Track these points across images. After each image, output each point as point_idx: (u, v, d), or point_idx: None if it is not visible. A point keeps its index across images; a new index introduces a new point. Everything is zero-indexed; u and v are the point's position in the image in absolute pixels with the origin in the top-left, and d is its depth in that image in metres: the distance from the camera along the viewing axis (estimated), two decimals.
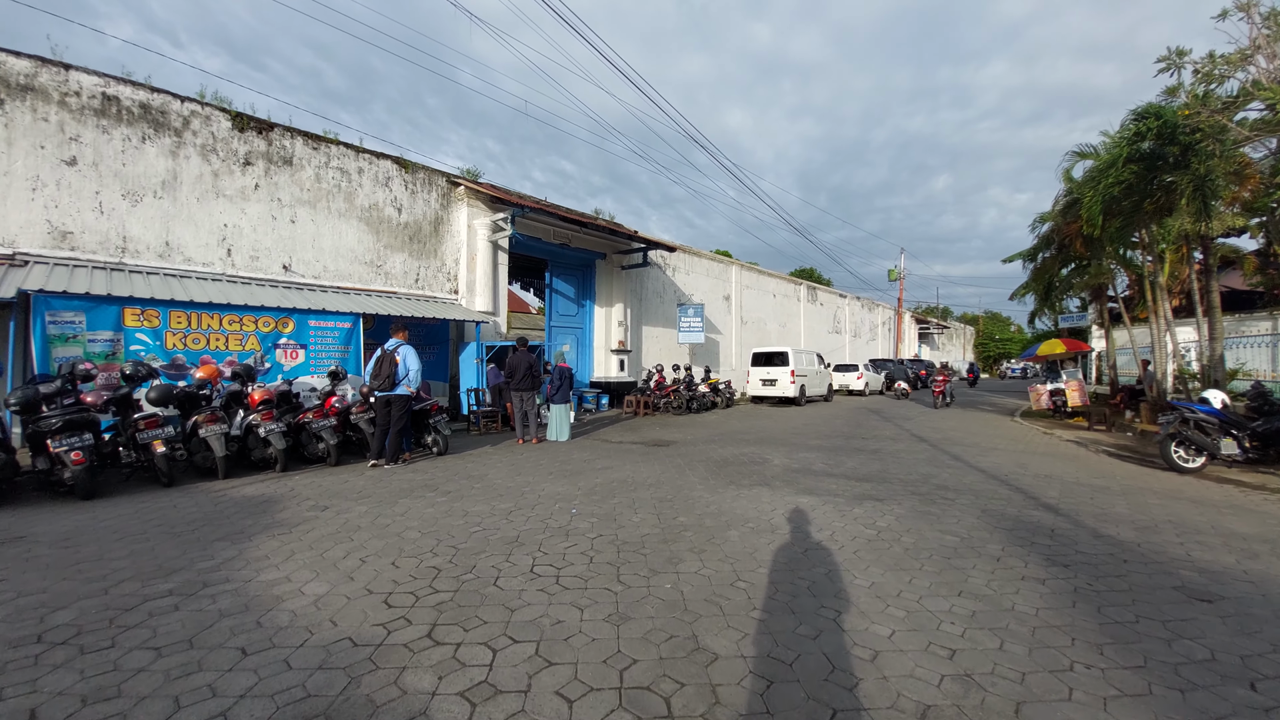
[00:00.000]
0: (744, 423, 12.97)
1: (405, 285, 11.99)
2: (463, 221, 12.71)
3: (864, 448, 9.29)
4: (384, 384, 7.09)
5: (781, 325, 25.60)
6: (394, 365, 7.15)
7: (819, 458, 8.22)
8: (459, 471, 7.06)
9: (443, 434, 8.01)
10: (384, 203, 11.78)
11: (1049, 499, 5.96)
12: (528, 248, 14.36)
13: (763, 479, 6.68)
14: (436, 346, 12.51)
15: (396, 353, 7.22)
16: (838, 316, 31.36)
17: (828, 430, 11.61)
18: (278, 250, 10.50)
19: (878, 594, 3.42)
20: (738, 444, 9.51)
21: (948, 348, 52.99)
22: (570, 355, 15.79)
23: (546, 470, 7.15)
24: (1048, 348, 14.32)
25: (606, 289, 16.14)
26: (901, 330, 38.51)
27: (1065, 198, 13.12)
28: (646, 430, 11.41)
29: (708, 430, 11.48)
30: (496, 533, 4.54)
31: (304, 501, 5.58)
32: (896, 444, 9.81)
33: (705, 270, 20.86)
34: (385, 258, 11.76)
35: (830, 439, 10.31)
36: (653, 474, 6.93)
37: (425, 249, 12.34)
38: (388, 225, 11.81)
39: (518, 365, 9.21)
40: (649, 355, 18.04)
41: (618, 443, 9.59)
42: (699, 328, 18.06)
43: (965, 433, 11.58)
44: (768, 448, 9.11)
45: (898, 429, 12.04)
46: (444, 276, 12.62)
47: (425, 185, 12.40)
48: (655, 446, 9.17)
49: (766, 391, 18.06)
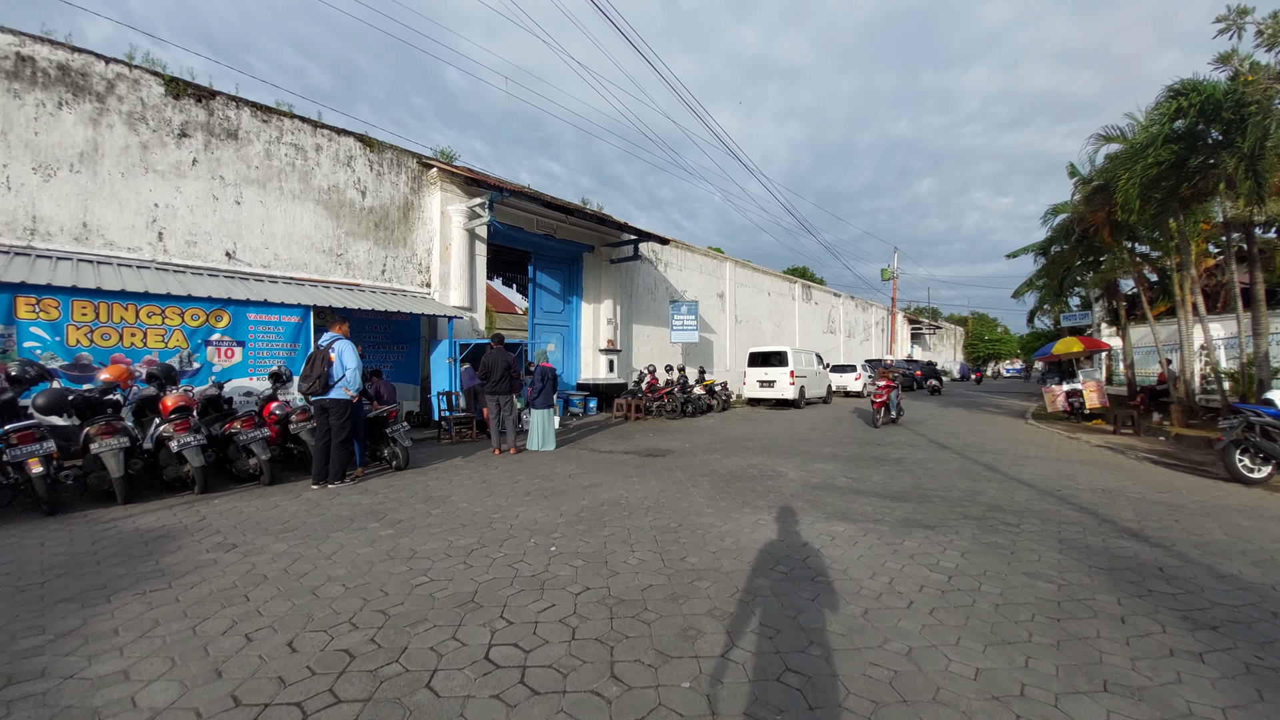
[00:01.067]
0: (744, 427, 11.91)
1: (370, 277, 10.76)
2: (435, 207, 11.51)
3: (883, 457, 8.26)
4: (316, 386, 5.89)
5: (776, 324, 24.65)
6: (327, 364, 5.94)
7: (838, 470, 7.17)
8: (418, 492, 5.88)
9: (402, 445, 6.82)
10: (345, 184, 10.55)
11: (1127, 522, 4.96)
12: (509, 238, 13.19)
13: (781, 499, 5.60)
14: (406, 345, 11.29)
15: (331, 349, 6.01)
16: (832, 316, 30.53)
17: (836, 436, 10.59)
18: (220, 235, 9.23)
19: (994, 691, 2.34)
20: (742, 453, 8.44)
21: (939, 348, 52.63)
22: (555, 355, 14.63)
23: (524, 489, 6.00)
24: (1064, 346, 13.50)
25: (595, 284, 15.02)
26: (895, 330, 37.85)
27: (1087, 185, 12.29)
28: (639, 437, 10.29)
29: (706, 436, 10.40)
30: (448, 586, 3.39)
31: (209, 537, 4.38)
32: (917, 452, 8.81)
33: (698, 266, 19.82)
34: (347, 246, 10.52)
35: (842, 446, 9.28)
36: (650, 493, 5.82)
37: (393, 237, 11.12)
38: (350, 210, 10.58)
39: (493, 365, 8.05)
40: (640, 355, 16.94)
41: (607, 452, 8.47)
42: (693, 326, 17.00)
43: (985, 438, 10.63)
44: (777, 458, 8.04)
45: (911, 433, 11.06)
46: (414, 268, 11.40)
47: (393, 166, 11.19)
48: (650, 457, 8.06)
49: (764, 393, 17.05)
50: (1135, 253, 13.68)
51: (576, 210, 11.95)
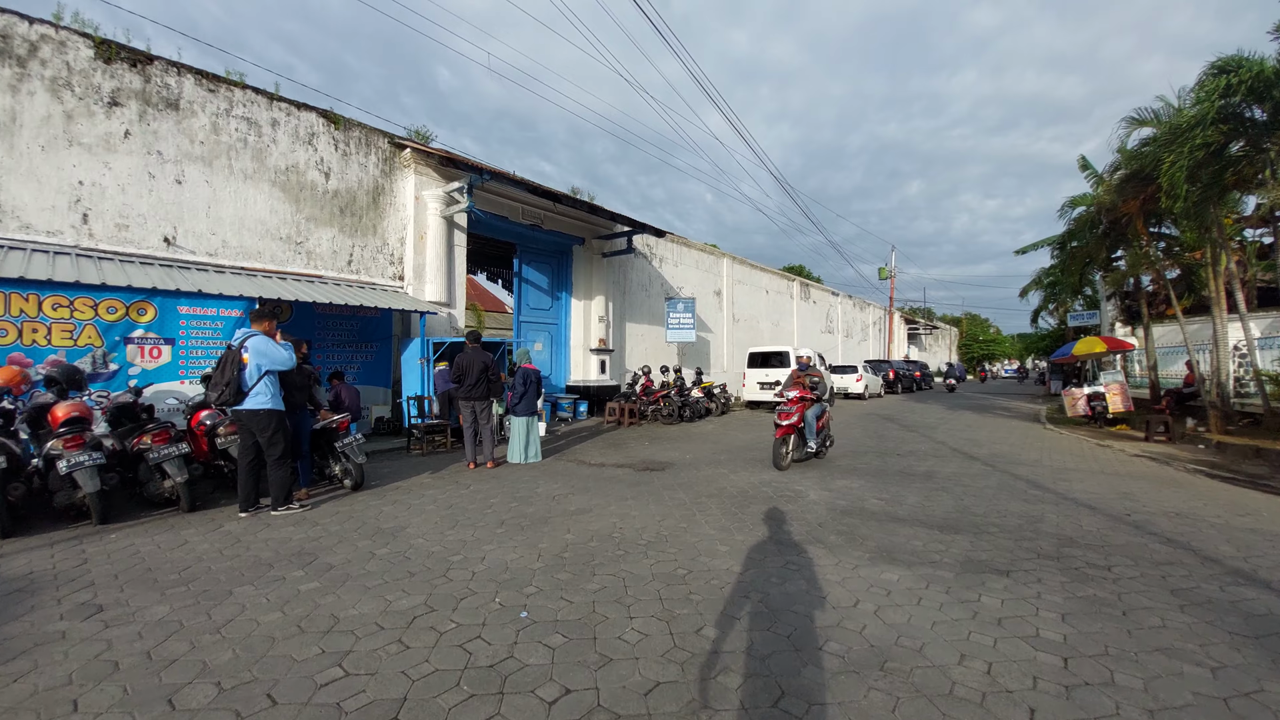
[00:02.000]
0: (747, 434, 10.96)
1: (335, 268, 9.68)
2: (409, 192, 10.44)
3: (909, 470, 7.33)
4: (227, 394, 4.83)
5: (774, 324, 23.75)
6: (239, 368, 4.88)
7: (865, 488, 6.22)
8: (367, 521, 4.85)
9: (355, 461, 5.77)
10: (306, 165, 9.46)
11: (1231, 559, 4.04)
12: (492, 228, 12.15)
13: (808, 529, 4.63)
14: (376, 344, 10.21)
15: (245, 348, 4.95)
16: (830, 315, 29.70)
17: (850, 444, 9.65)
18: (157, 218, 8.12)
19: None
20: (750, 466, 7.46)
21: (934, 349, 52.11)
22: (543, 355, 13.61)
23: (497, 516, 4.99)
24: (1086, 346, 12.69)
25: (585, 279, 14.00)
26: (893, 330, 37.14)
27: (1113, 174, 11.46)
28: (634, 446, 9.30)
29: (708, 445, 9.42)
30: (366, 688, 2.38)
31: (76, 594, 3.34)
32: (945, 463, 7.89)
33: (695, 262, 18.86)
34: (308, 233, 9.44)
35: (861, 456, 8.34)
36: (649, 521, 4.83)
37: (361, 224, 10.04)
38: (311, 193, 9.49)
39: (468, 367, 7.02)
40: (633, 356, 15.95)
41: (598, 465, 7.47)
42: (689, 325, 16.03)
43: (1010, 445, 9.75)
44: (790, 471, 7.08)
45: (929, 440, 10.16)
46: (385, 259, 10.33)
47: (361, 146, 10.11)
48: (648, 471, 7.07)
49: (765, 396, 16.11)
50: (1169, 244, 12.90)
51: (564, 198, 10.95)
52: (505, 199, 11.82)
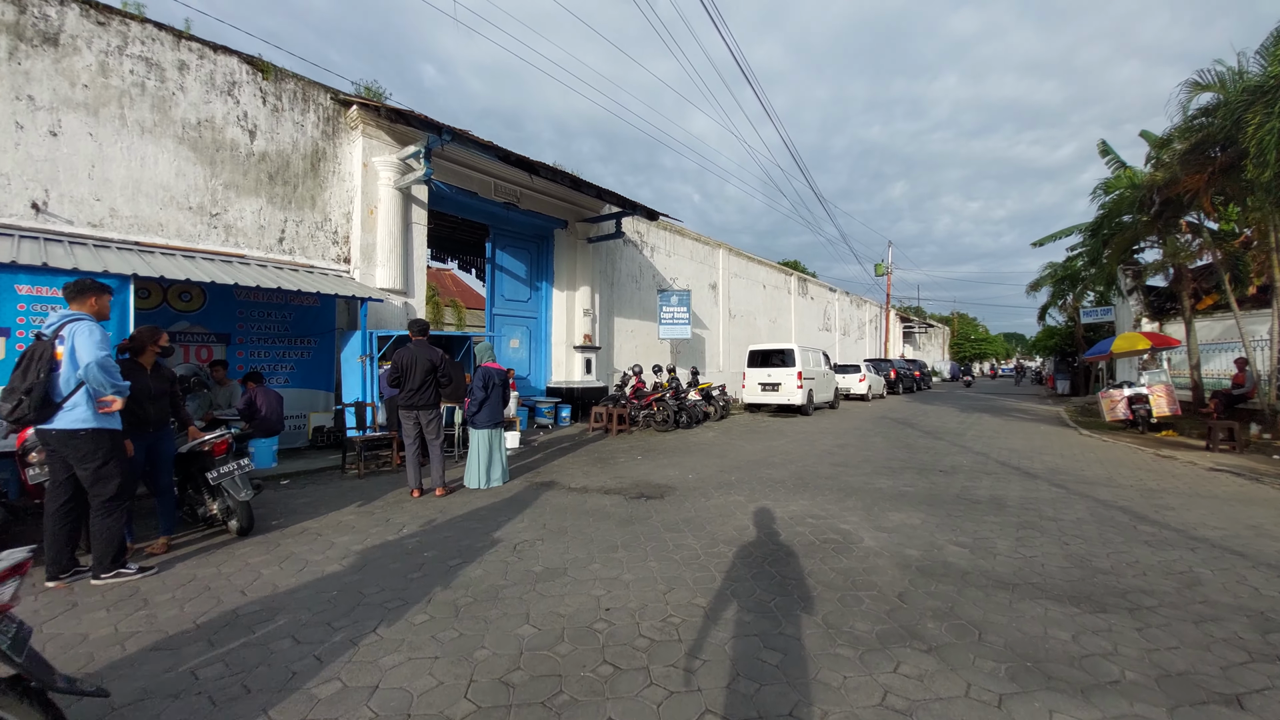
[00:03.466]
0: (755, 443, 9.46)
1: (261, 246, 8.00)
2: (356, 159, 8.78)
3: (970, 495, 5.88)
4: (26, 408, 3.21)
5: (772, 320, 22.35)
6: (48, 367, 3.26)
7: (931, 525, 4.73)
8: (226, 598, 3.25)
9: (237, 498, 4.14)
10: (225, 120, 7.77)
11: None
12: (460, 206, 10.52)
13: (889, 610, 3.12)
14: (316, 339, 8.54)
15: (58, 339, 3.32)
16: (828, 312, 28.40)
17: (880, 456, 8.20)
18: (22, 178, 6.41)
19: None
20: (771, 490, 5.96)
21: (927, 347, 51.24)
22: (519, 352, 12.00)
23: (424, 587, 3.41)
24: (1127, 342, 11.42)
25: (569, 268, 12.42)
26: (889, 328, 36.01)
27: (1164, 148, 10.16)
28: (624, 461, 7.75)
29: (713, 460, 7.90)
30: None
31: None
32: (1003, 483, 6.46)
33: (689, 252, 17.36)
34: (226, 203, 7.75)
35: (899, 474, 6.88)
36: (650, 594, 3.29)
37: (296, 195, 8.37)
38: (231, 155, 7.80)
39: (409, 366, 5.42)
40: (622, 353, 14.40)
41: (580, 491, 5.90)
42: (685, 320, 14.52)
43: (1061, 457, 8.37)
44: (826, 499, 5.59)
45: (964, 450, 8.76)
46: (327, 237, 8.66)
47: (296, 102, 8.43)
48: (642, 500, 5.53)
49: (767, 398, 14.66)
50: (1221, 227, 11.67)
51: (541, 168, 9.36)
52: (474, 170, 10.20)
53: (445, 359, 5.64)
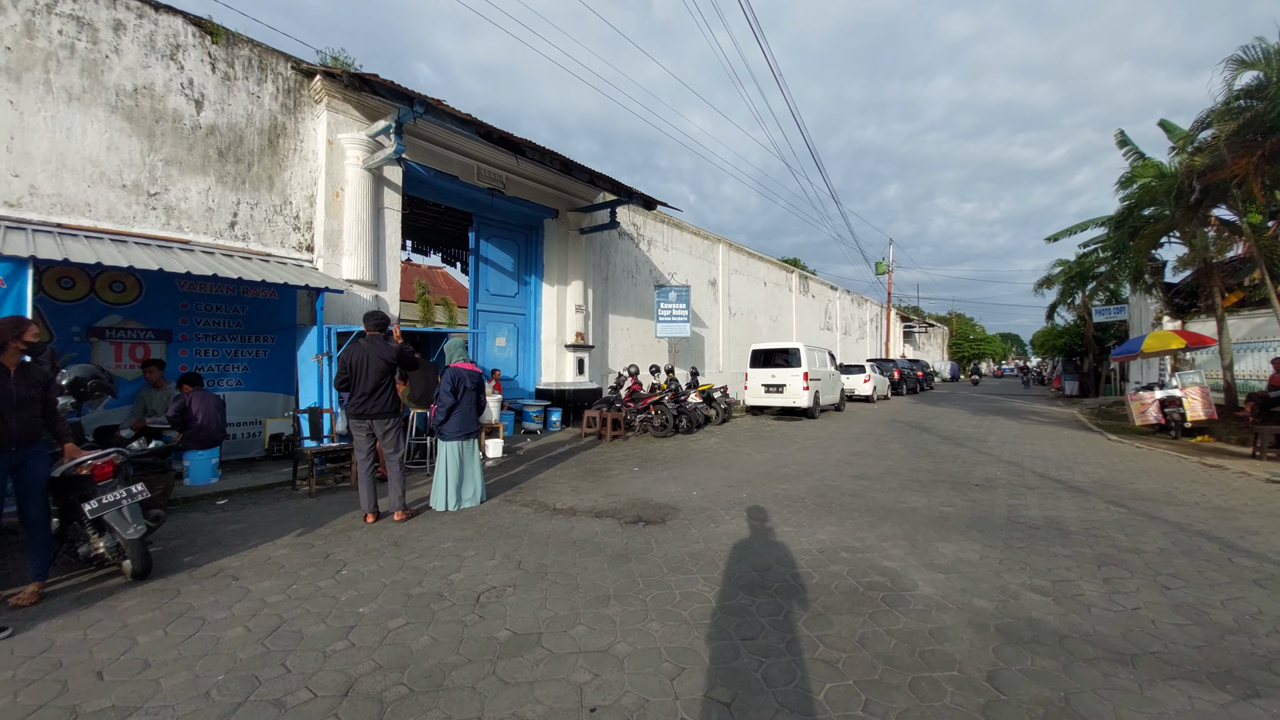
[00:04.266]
0: (763, 451, 8.62)
1: (210, 231, 7.09)
2: (320, 136, 7.89)
3: (1022, 517, 5.05)
4: None
5: (773, 319, 21.53)
6: None
7: (998, 562, 3.90)
8: (71, 684, 2.37)
9: (126, 535, 3.25)
10: (167, 88, 6.86)
11: None
12: (439, 191, 9.63)
13: (983, 709, 2.28)
14: (274, 336, 7.64)
15: None
16: (829, 311, 27.62)
17: (903, 467, 7.38)
18: None
19: None
20: (791, 510, 5.12)
21: (927, 347, 50.64)
22: (506, 351, 11.11)
23: (345, 660, 2.55)
24: (1159, 341, 10.68)
25: (560, 261, 11.54)
26: (890, 328, 35.29)
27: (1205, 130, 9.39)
28: (619, 474, 6.89)
29: (718, 471, 7.06)
30: None
31: None
32: (1053, 501, 5.65)
33: (688, 247, 16.52)
34: (168, 181, 6.84)
35: (932, 490, 6.05)
36: (653, 688, 2.44)
37: (252, 175, 7.46)
38: (174, 128, 6.89)
39: (359, 365, 4.54)
40: (617, 353, 13.54)
41: (566, 513, 5.04)
42: (684, 317, 13.67)
43: (1102, 468, 7.58)
44: (858, 524, 4.74)
45: (992, 458, 7.95)
46: (287, 222, 7.76)
47: (252, 70, 7.52)
48: (638, 525, 4.67)
49: (770, 400, 13.83)
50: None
51: (528, 148, 8.48)
52: (454, 152, 9.31)
53: (409, 356, 4.76)
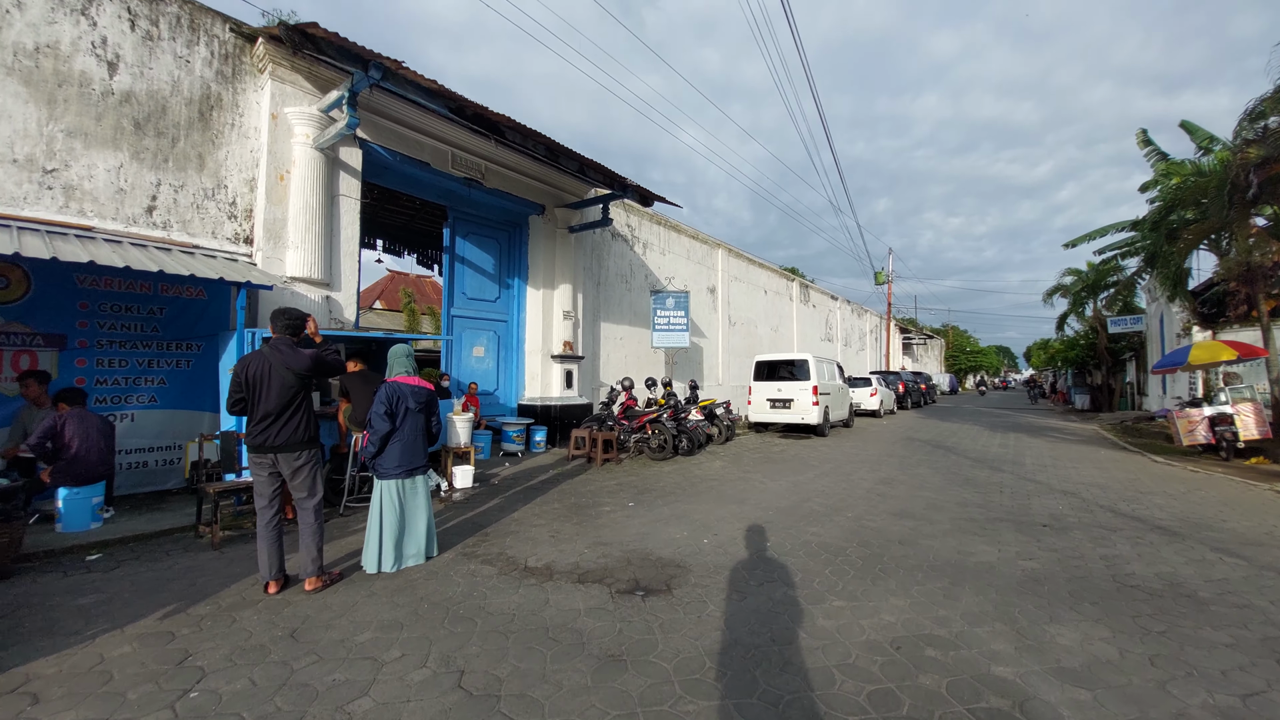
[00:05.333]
0: (777, 477, 7.47)
1: (122, 217, 5.91)
2: (264, 109, 6.76)
3: (1131, 577, 3.93)
4: None
5: (774, 329, 20.50)
6: None
7: (1145, 662, 2.75)
8: None
9: None
10: (74, 47, 5.71)
11: None
12: (408, 180, 8.50)
13: None
14: (202, 343, 6.42)
15: None
16: (830, 321, 26.66)
17: (946, 499, 6.24)
18: None
19: None
20: (835, 569, 3.97)
21: (924, 359, 49.91)
22: (485, 362, 9.92)
23: None
24: (1207, 353, 9.71)
25: (546, 262, 10.42)
26: (890, 339, 34.41)
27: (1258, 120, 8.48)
28: (610, 508, 5.71)
29: (728, 504, 5.89)
30: None
31: None
32: (1152, 550, 4.54)
33: (686, 251, 15.48)
34: (70, 156, 5.66)
35: (995, 531, 4.92)
36: None
37: (176, 152, 6.30)
38: (80, 93, 5.73)
39: (259, 380, 3.37)
40: (610, 364, 12.39)
41: (541, 575, 3.86)
42: (682, 326, 12.57)
43: (1171, 498, 6.49)
44: (926, 589, 3.59)
45: (1040, 486, 6.84)
46: (220, 209, 6.59)
47: (181, 31, 6.40)
48: (637, 599, 3.49)
49: (776, 416, 12.70)
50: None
51: (508, 128, 7.39)
52: (426, 135, 8.20)
53: (329, 362, 3.59)
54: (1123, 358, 21.42)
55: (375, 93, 7.30)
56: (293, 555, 3.80)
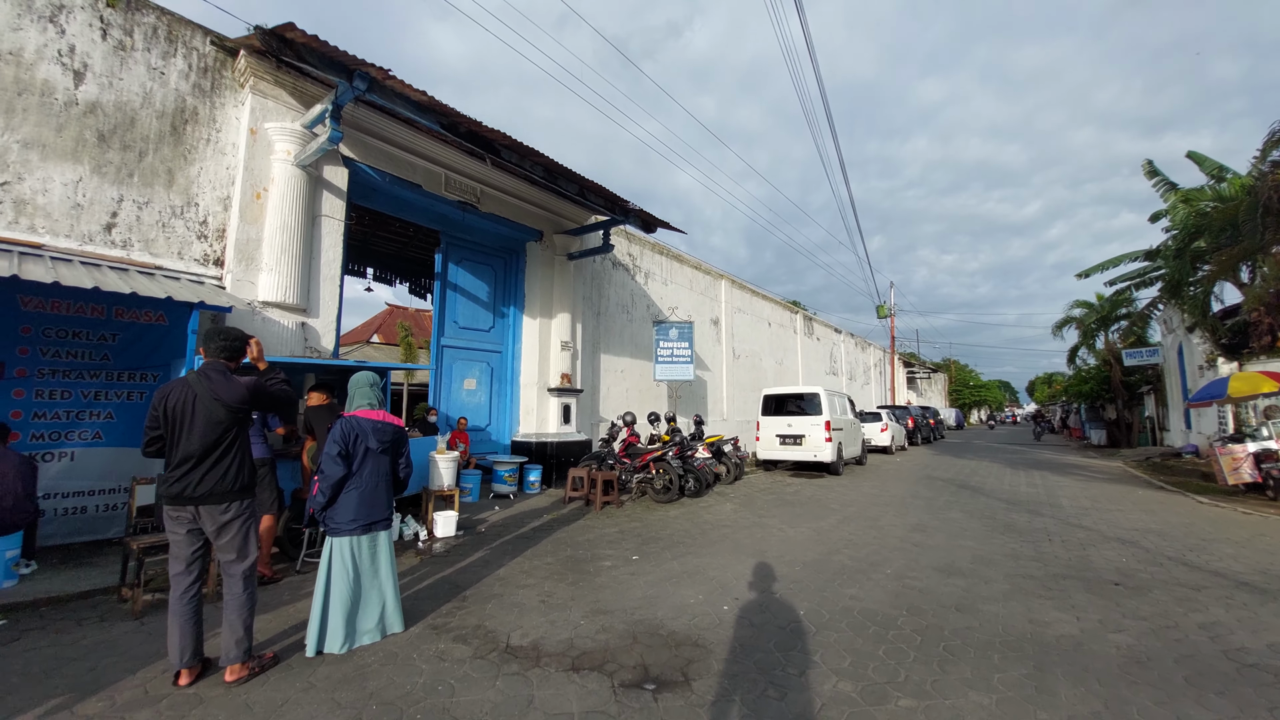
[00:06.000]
0: (795, 523, 6.74)
1: (78, 234, 5.38)
2: (241, 125, 6.34)
3: (1247, 655, 3.21)
4: None
5: (778, 362, 19.93)
6: None
7: None
8: None
9: None
10: (39, 54, 5.31)
11: None
12: (399, 203, 8.06)
13: None
14: (158, 373, 5.80)
15: None
16: (834, 355, 26.13)
17: (991, 550, 5.51)
18: None
19: None
20: (888, 648, 3.25)
21: (928, 394, 49.19)
22: (476, 396, 9.28)
23: None
24: (1248, 384, 9.10)
25: (543, 290, 9.91)
26: (894, 373, 33.82)
27: None
28: (611, 563, 4.98)
29: (745, 557, 5.16)
30: None
31: None
32: (1245, 610, 3.82)
33: (689, 282, 15.05)
34: (24, 169, 5.18)
35: (1063, 593, 4.19)
36: None
37: (144, 166, 5.83)
38: (41, 102, 5.30)
39: (180, 415, 2.74)
40: (610, 399, 11.75)
41: (525, 656, 3.13)
42: (686, 358, 11.99)
43: (1241, 547, 5.75)
44: (1006, 677, 2.87)
45: (1090, 533, 6.11)
46: (189, 228, 6.08)
47: (157, 42, 6.03)
48: (644, 693, 2.77)
49: (786, 453, 11.98)
50: None
51: (505, 146, 6.98)
52: (418, 156, 7.80)
53: (273, 394, 2.97)
54: (1139, 391, 20.78)
55: (362, 109, 6.93)
56: (217, 634, 3.08)
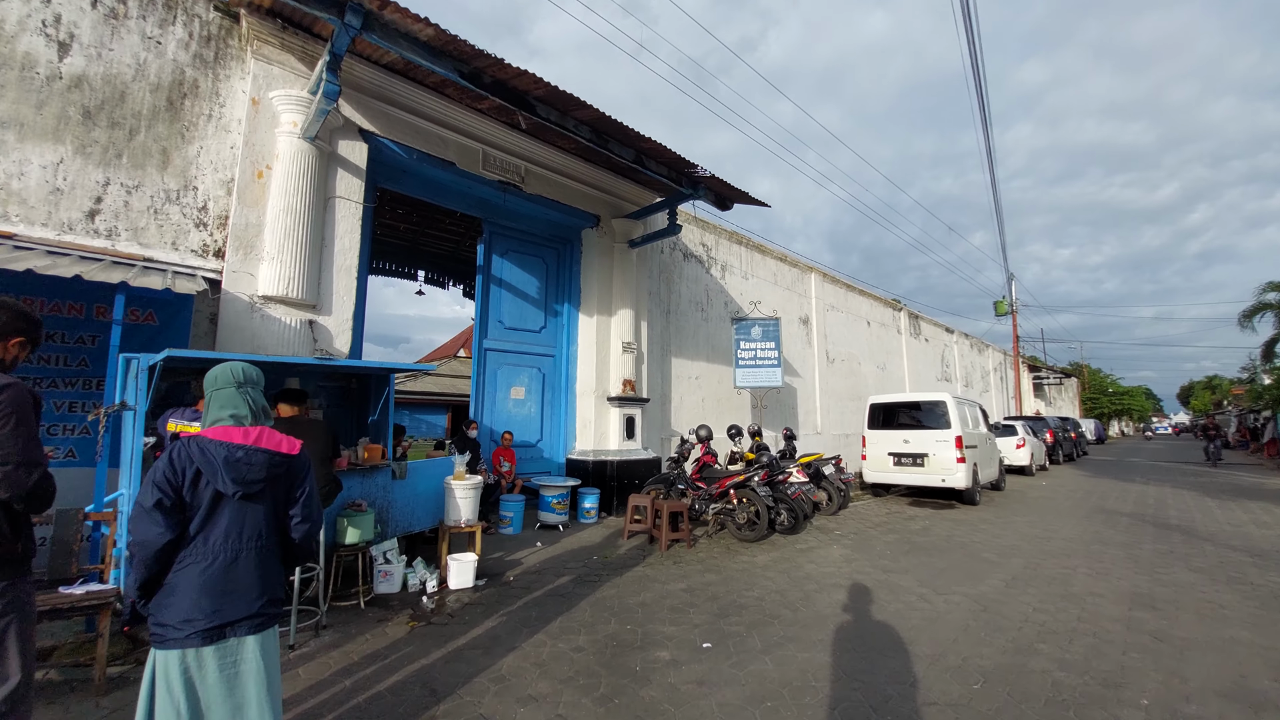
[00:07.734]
0: (944, 587, 4.74)
1: (54, 222, 4.70)
2: (242, 96, 5.53)
3: None
4: None
5: (880, 366, 17.30)
6: None
7: None
8: None
9: None
10: (21, 24, 4.71)
11: None
12: (432, 185, 7.03)
13: None
14: None
15: None
16: (945, 358, 22.72)
17: None
18: None
19: None
20: None
21: (1057, 402, 42.75)
22: (525, 406, 8.02)
23: None
24: None
25: (601, 284, 8.54)
26: (1019, 379, 29.23)
27: None
28: (670, 652, 3.36)
29: (879, 653, 3.33)
30: None
31: None
32: None
33: (772, 275, 13.14)
34: (4, 150, 4.57)
35: None
36: None
37: (134, 146, 5.12)
38: (20, 76, 4.68)
39: None
40: (682, 410, 10.12)
41: None
42: (773, 360, 10.14)
43: None
44: None
45: None
46: (186, 215, 5.30)
47: (153, 9, 5.34)
48: None
49: (902, 476, 9.70)
50: None
51: (536, 96, 5.66)
52: (449, 129, 6.71)
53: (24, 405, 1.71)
54: None
55: (380, 73, 5.93)
56: None
